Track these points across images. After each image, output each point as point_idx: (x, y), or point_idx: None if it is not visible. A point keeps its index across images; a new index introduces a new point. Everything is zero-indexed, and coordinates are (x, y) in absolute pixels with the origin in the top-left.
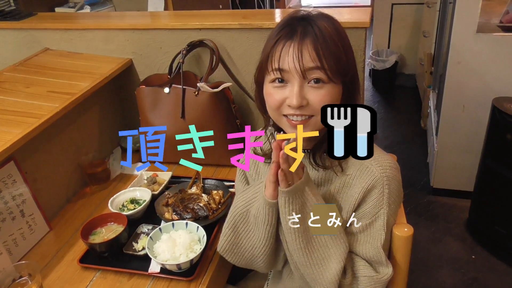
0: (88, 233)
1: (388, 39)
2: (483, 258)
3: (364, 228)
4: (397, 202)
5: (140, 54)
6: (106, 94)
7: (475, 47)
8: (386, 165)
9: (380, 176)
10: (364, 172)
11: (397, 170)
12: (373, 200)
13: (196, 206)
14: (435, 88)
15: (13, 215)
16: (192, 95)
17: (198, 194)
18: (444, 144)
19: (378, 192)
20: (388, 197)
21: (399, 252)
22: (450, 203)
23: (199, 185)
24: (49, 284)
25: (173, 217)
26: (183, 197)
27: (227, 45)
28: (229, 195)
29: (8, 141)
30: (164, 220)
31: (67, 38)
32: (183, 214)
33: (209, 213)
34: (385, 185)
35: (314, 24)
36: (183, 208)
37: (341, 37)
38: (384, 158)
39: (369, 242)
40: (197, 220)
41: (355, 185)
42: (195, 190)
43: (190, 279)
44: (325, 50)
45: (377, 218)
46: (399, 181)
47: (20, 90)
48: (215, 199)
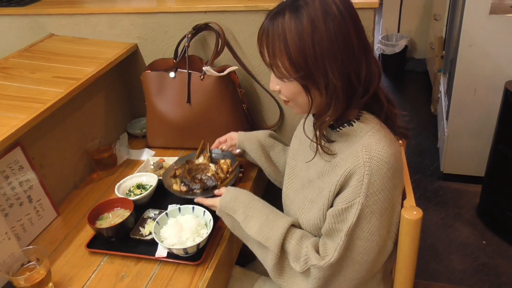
0: (95, 218)
1: (398, 23)
2: (494, 243)
3: (339, 212)
4: (380, 195)
5: (145, 39)
6: (111, 79)
7: (487, 29)
8: (375, 156)
9: (363, 163)
10: (351, 156)
11: (387, 164)
12: (352, 186)
13: (204, 176)
14: (446, 72)
15: (20, 201)
16: (198, 79)
17: (206, 164)
18: (455, 129)
19: (357, 179)
20: (367, 188)
21: (408, 235)
22: (460, 188)
23: (206, 155)
24: (57, 268)
25: (181, 189)
26: (191, 168)
27: (232, 28)
28: (237, 164)
29: (14, 126)
30: (173, 193)
31: (72, 23)
32: (191, 185)
33: (217, 183)
34: (365, 174)
35: (276, 20)
36: (191, 179)
37: (298, 32)
38: (377, 148)
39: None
40: (206, 190)
41: (341, 166)
42: (202, 160)
43: (197, 264)
44: (273, 49)
45: (352, 205)
46: (384, 176)
47: (25, 76)
48: (223, 168)
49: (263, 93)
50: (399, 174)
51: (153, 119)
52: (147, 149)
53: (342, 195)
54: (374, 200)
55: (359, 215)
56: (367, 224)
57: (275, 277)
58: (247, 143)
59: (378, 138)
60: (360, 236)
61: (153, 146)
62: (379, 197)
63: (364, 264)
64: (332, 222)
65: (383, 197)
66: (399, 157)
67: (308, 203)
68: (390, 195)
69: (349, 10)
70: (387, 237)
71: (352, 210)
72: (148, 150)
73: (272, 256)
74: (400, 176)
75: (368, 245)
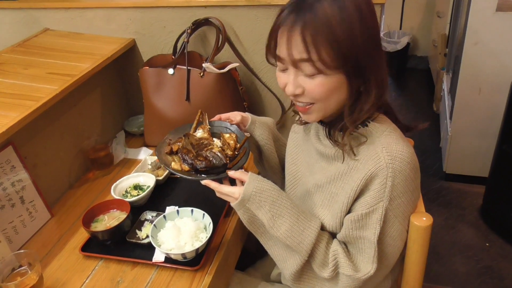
0: (90, 220)
1: (400, 20)
2: (497, 246)
3: (360, 217)
4: (403, 198)
5: (143, 34)
6: (108, 75)
7: (494, 27)
8: (397, 156)
9: (385, 165)
10: (371, 158)
11: (409, 164)
12: (374, 190)
13: (209, 154)
14: (449, 71)
15: (12, 202)
16: (197, 76)
17: (208, 139)
18: (458, 129)
19: (380, 182)
20: (391, 191)
21: (417, 242)
22: (463, 189)
23: (205, 128)
24: (50, 273)
25: (183, 167)
26: (191, 143)
27: (233, 23)
28: (245, 138)
29: (5, 125)
30: (172, 172)
31: (67, 17)
32: (196, 164)
33: (226, 161)
34: (389, 176)
35: (312, 7)
36: (194, 156)
37: (346, 19)
38: (397, 148)
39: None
40: (212, 170)
41: (360, 170)
42: (201, 133)
43: (195, 269)
44: (314, 40)
45: (375, 210)
46: (407, 177)
47: (18, 72)
48: (230, 144)
49: (265, 91)
50: (419, 174)
51: (151, 117)
52: (145, 148)
53: (363, 200)
54: (398, 203)
55: (384, 220)
56: (389, 228)
57: (294, 281)
58: (259, 125)
59: (395, 138)
60: (383, 241)
61: (151, 145)
62: (403, 200)
63: (385, 270)
64: (351, 227)
65: (406, 200)
66: (416, 157)
67: (320, 210)
68: (413, 197)
69: (371, 7)
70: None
71: (375, 216)
72: (146, 149)
73: (299, 261)
74: (419, 177)
75: (390, 250)
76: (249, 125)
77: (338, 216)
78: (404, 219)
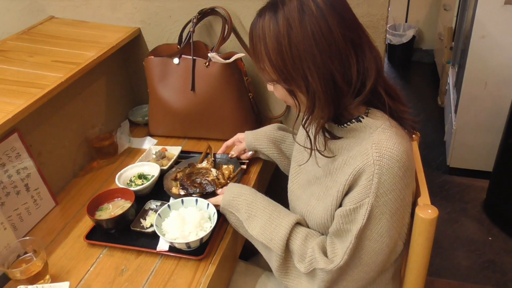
0: (94, 208)
1: (406, 12)
2: (500, 240)
3: (348, 212)
4: (391, 196)
5: (148, 23)
6: (113, 64)
7: (502, 20)
8: (385, 154)
9: (372, 162)
10: (361, 153)
11: (398, 162)
12: (361, 186)
13: (203, 181)
14: (455, 64)
15: (17, 189)
16: (203, 66)
17: (207, 169)
18: (463, 122)
19: (367, 178)
20: (377, 188)
21: (422, 235)
22: (467, 183)
23: (209, 159)
24: (55, 260)
25: (180, 192)
26: (192, 172)
27: (240, 13)
28: (239, 170)
29: (10, 112)
30: (170, 195)
31: (72, 5)
32: (190, 189)
33: (216, 188)
34: (375, 173)
35: (257, 22)
36: (190, 182)
37: (276, 34)
38: (387, 146)
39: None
40: (204, 195)
41: (351, 165)
42: (205, 164)
43: (199, 258)
44: (257, 53)
45: (361, 206)
46: (395, 175)
47: (23, 60)
48: (224, 173)
49: None
50: (410, 173)
51: (156, 107)
52: (149, 138)
53: (351, 195)
54: (385, 200)
55: (369, 216)
56: (376, 225)
57: (281, 277)
58: (257, 143)
59: (389, 135)
60: (369, 237)
61: (155, 135)
62: (390, 197)
63: (373, 265)
64: (341, 222)
65: (394, 198)
66: (411, 155)
67: (315, 201)
68: (402, 195)
69: (332, 3)
70: (397, 238)
71: (361, 211)
72: (150, 138)
73: (276, 257)
74: (412, 175)
75: (377, 246)
76: (248, 145)
77: (329, 209)
78: (392, 216)
